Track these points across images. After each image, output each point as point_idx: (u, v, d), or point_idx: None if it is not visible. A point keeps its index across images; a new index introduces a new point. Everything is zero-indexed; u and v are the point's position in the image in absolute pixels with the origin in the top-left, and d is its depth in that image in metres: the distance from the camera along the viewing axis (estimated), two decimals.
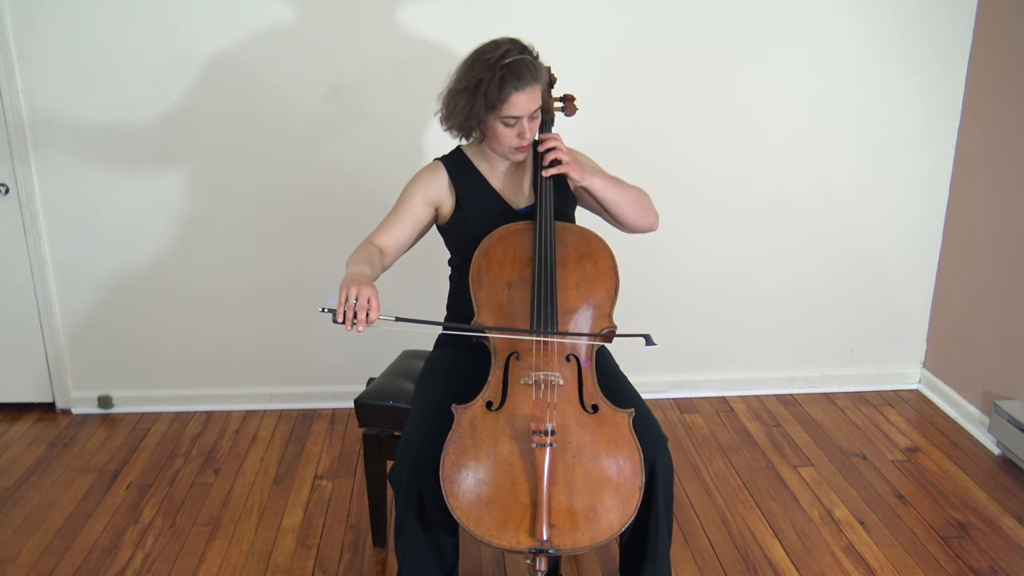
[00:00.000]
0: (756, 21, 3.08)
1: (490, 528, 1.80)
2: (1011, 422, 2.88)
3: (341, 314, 1.84)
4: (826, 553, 2.52)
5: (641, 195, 2.25)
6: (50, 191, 3.13)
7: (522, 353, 2.00)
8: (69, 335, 3.30)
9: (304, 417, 3.34)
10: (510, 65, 2.02)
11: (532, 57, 2.09)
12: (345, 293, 1.85)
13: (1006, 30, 3.00)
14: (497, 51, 2.05)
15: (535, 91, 2.05)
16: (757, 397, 3.47)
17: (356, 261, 2.03)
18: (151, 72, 3.01)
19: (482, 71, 2.04)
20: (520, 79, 2.02)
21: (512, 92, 2.02)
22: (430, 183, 2.21)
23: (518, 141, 2.09)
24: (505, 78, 2.02)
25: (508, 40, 2.10)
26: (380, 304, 1.87)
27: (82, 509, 2.75)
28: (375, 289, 1.88)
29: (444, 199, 2.21)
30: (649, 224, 2.27)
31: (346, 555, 2.53)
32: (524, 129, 2.08)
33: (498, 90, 2.02)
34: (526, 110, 2.05)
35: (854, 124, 3.22)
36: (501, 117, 2.06)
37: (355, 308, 1.84)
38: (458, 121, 2.13)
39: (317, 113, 3.08)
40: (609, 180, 2.19)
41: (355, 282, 1.88)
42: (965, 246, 3.26)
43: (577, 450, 1.87)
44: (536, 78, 2.05)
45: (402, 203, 2.20)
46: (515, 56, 2.04)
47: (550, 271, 2.02)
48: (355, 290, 1.85)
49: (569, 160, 2.10)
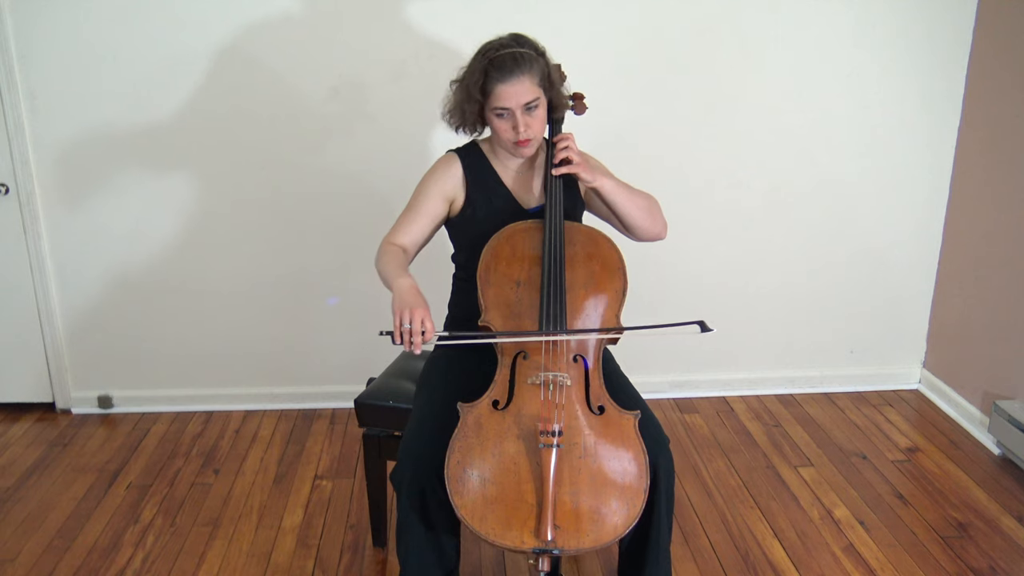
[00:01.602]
0: (758, 22, 3.08)
1: (494, 527, 1.80)
2: (1011, 422, 2.88)
3: (399, 337, 1.89)
4: (826, 553, 2.52)
5: (651, 202, 2.24)
6: (50, 191, 3.12)
7: (530, 353, 1.99)
8: (69, 335, 3.30)
9: (304, 417, 3.34)
10: (495, 58, 2.03)
11: (534, 51, 2.08)
12: (399, 318, 1.89)
13: (1006, 30, 3.00)
14: (490, 44, 2.08)
15: (523, 83, 2.03)
16: (757, 397, 3.47)
17: (394, 269, 2.04)
18: (151, 72, 3.00)
19: (471, 64, 2.09)
20: (502, 70, 2.02)
21: (496, 84, 2.03)
22: (445, 177, 2.20)
23: (514, 134, 2.08)
24: (488, 70, 2.03)
25: (509, 36, 2.10)
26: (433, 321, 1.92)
27: (82, 509, 2.75)
28: (427, 308, 1.91)
29: (458, 193, 2.21)
30: (657, 232, 2.26)
31: (346, 555, 2.53)
32: (518, 122, 2.06)
33: (482, 82, 2.04)
34: (515, 102, 2.04)
35: (854, 124, 3.23)
36: (492, 109, 2.07)
37: (410, 333, 1.88)
38: (453, 113, 2.16)
39: (319, 112, 3.08)
40: (619, 184, 2.19)
41: (407, 305, 1.91)
42: (965, 246, 3.27)
43: (583, 451, 1.87)
44: (525, 70, 2.03)
45: (419, 200, 2.20)
46: (505, 50, 2.04)
47: (559, 270, 2.02)
48: (408, 315, 1.89)
49: (580, 161, 2.10)
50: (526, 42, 2.10)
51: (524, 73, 2.03)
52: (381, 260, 2.10)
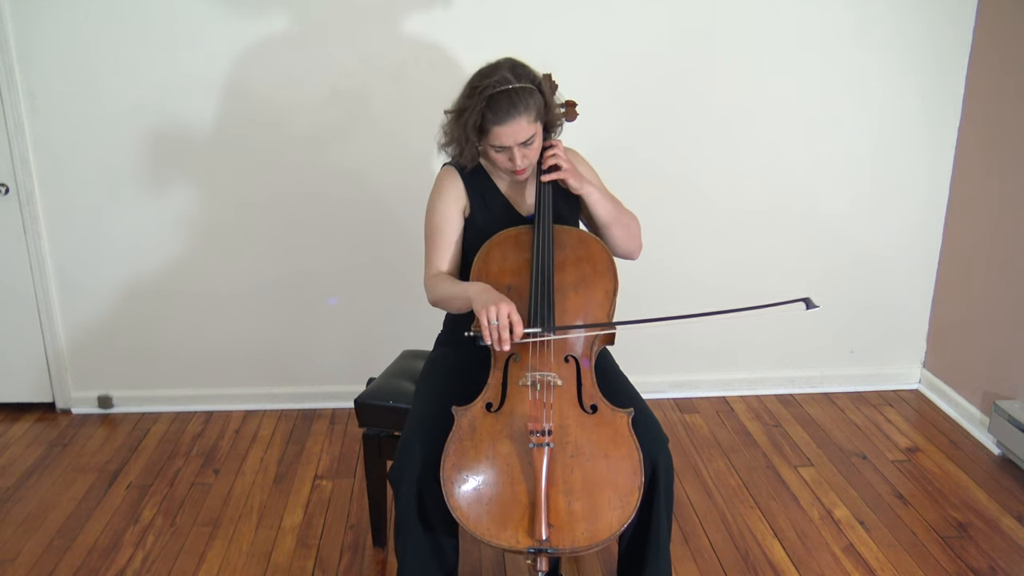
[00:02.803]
0: (755, 24, 3.08)
1: (490, 528, 1.81)
2: (1011, 422, 2.88)
3: (488, 336, 1.87)
4: (826, 553, 2.52)
5: (632, 221, 2.26)
6: (50, 191, 3.13)
7: (520, 354, 2.00)
8: (69, 335, 3.30)
9: (304, 417, 3.34)
10: (492, 98, 2.00)
11: (531, 82, 2.05)
12: (486, 314, 1.87)
13: (1006, 30, 3.00)
14: (487, 79, 2.02)
15: (519, 123, 2.01)
16: (757, 397, 3.47)
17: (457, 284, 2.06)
18: (151, 72, 3.01)
19: (468, 99, 2.05)
20: (498, 112, 2.00)
21: (493, 126, 2.02)
22: (454, 194, 2.20)
23: (511, 165, 2.09)
24: (485, 113, 2.01)
25: (507, 65, 2.06)
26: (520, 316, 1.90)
27: (82, 509, 2.75)
28: (512, 303, 1.90)
29: (466, 204, 2.21)
30: (630, 251, 2.27)
31: (346, 555, 2.53)
32: (515, 155, 2.06)
33: (480, 122, 2.03)
34: (512, 140, 2.03)
35: (854, 124, 3.22)
36: (489, 144, 2.07)
37: (499, 329, 1.86)
38: (450, 146, 2.16)
39: (318, 116, 3.08)
40: (605, 196, 2.21)
41: (492, 301, 1.89)
42: (965, 246, 3.26)
43: (575, 450, 1.88)
44: (522, 110, 2.01)
45: (441, 226, 2.18)
46: (501, 87, 2.00)
47: (548, 274, 2.03)
48: (494, 311, 1.87)
49: (568, 167, 2.12)
50: (522, 73, 2.05)
51: (520, 114, 2.01)
52: (439, 288, 2.10)
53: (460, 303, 2.03)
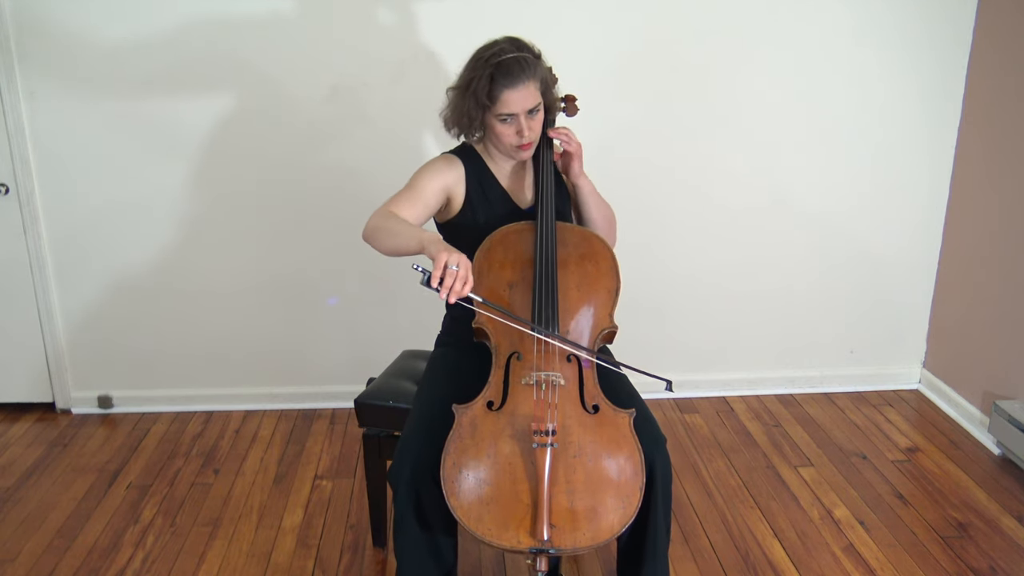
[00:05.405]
0: (756, 21, 3.08)
1: (491, 528, 1.80)
2: (1011, 422, 2.88)
3: (438, 279, 1.78)
4: (826, 553, 2.52)
5: (613, 216, 2.32)
6: (50, 191, 3.13)
7: (523, 353, 2.00)
8: (69, 335, 3.30)
9: (304, 417, 3.34)
10: (500, 63, 2.04)
11: (533, 55, 2.10)
12: (446, 259, 1.79)
13: (1006, 30, 3.00)
14: (491, 50, 2.07)
15: (528, 88, 2.05)
16: (757, 397, 3.47)
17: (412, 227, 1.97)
18: (150, 72, 3.01)
19: (474, 70, 2.07)
20: (509, 76, 2.03)
21: (503, 89, 2.04)
22: (447, 171, 2.20)
23: (518, 139, 2.10)
24: (495, 76, 2.03)
25: (506, 39, 2.11)
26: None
27: (82, 509, 2.75)
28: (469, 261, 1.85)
29: (458, 191, 2.21)
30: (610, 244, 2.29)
31: (346, 555, 2.53)
32: (522, 126, 2.08)
33: (488, 88, 2.04)
34: (520, 107, 2.06)
35: (854, 124, 3.22)
36: (496, 115, 2.07)
37: (454, 276, 1.79)
38: (457, 120, 2.16)
39: (317, 113, 3.08)
40: (595, 190, 2.26)
41: (454, 251, 1.83)
42: (965, 246, 3.26)
43: (578, 450, 1.87)
44: (530, 75, 2.05)
45: (417, 187, 2.14)
46: (508, 55, 2.04)
47: (551, 272, 2.03)
48: (456, 257, 1.81)
49: (576, 149, 2.17)
50: (524, 46, 2.10)
51: (529, 79, 2.05)
52: (388, 220, 2.01)
53: (404, 241, 1.94)
